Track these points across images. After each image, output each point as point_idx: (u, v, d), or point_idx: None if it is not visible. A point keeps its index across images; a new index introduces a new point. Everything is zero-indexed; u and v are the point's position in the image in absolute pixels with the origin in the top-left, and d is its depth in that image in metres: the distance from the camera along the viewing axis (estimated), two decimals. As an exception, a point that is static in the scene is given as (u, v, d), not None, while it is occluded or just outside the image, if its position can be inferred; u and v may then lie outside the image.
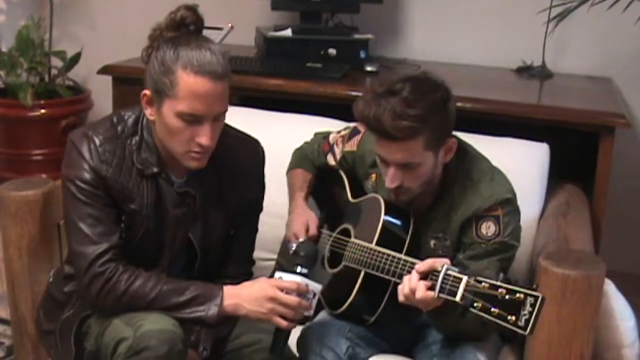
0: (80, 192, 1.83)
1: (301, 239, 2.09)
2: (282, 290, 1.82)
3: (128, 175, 1.85)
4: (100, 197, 1.83)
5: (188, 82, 1.74)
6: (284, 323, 1.81)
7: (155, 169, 1.87)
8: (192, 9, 1.85)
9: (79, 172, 1.83)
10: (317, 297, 1.86)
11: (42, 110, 3.82)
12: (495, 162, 2.07)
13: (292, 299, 1.81)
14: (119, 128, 1.88)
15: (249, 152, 2.02)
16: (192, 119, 1.77)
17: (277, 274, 1.87)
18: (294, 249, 2.08)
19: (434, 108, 1.85)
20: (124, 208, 1.86)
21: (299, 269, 1.86)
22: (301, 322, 1.92)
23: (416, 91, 1.85)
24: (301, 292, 1.83)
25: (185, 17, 1.83)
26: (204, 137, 1.78)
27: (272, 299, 1.80)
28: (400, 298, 1.78)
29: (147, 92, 1.82)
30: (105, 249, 1.82)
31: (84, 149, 1.84)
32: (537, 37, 3.23)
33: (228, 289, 1.84)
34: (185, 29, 1.84)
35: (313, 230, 2.13)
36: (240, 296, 1.83)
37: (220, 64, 1.76)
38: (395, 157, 1.88)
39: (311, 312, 1.87)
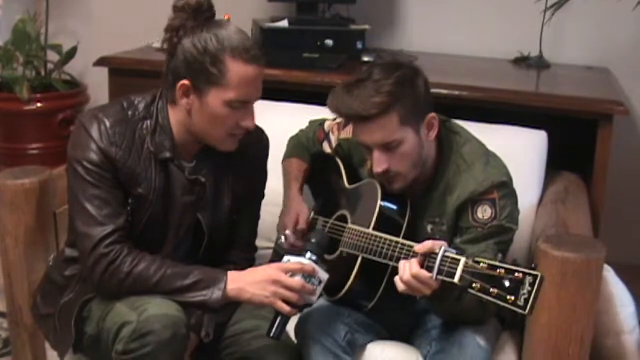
0: (87, 174, 1.81)
1: (287, 232, 2.11)
2: (286, 273, 1.81)
3: (137, 159, 1.84)
4: (107, 179, 1.82)
5: (239, 70, 1.77)
6: (286, 308, 1.79)
7: (168, 154, 1.87)
8: None
9: (87, 153, 1.82)
10: (322, 285, 1.85)
11: (38, 104, 3.80)
12: (493, 150, 2.07)
13: (296, 281, 1.80)
14: (130, 112, 1.87)
15: (254, 139, 2.01)
16: (240, 105, 1.80)
17: (286, 257, 1.86)
18: (282, 241, 2.10)
19: (402, 83, 1.89)
20: (131, 191, 1.85)
21: (308, 255, 1.85)
22: (301, 310, 1.91)
23: (383, 72, 1.91)
24: (306, 274, 1.81)
25: (201, 3, 1.82)
26: (250, 119, 1.84)
27: (276, 282, 1.79)
28: (400, 287, 1.78)
29: (185, 82, 1.81)
30: (111, 230, 1.81)
31: (93, 130, 1.83)
32: (534, 28, 3.22)
33: (232, 274, 1.84)
34: (201, 15, 1.82)
35: (302, 224, 2.13)
36: (244, 280, 1.82)
37: (255, 46, 1.81)
38: (375, 138, 1.90)
39: (314, 298, 1.86)
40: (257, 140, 2.05)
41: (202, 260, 1.94)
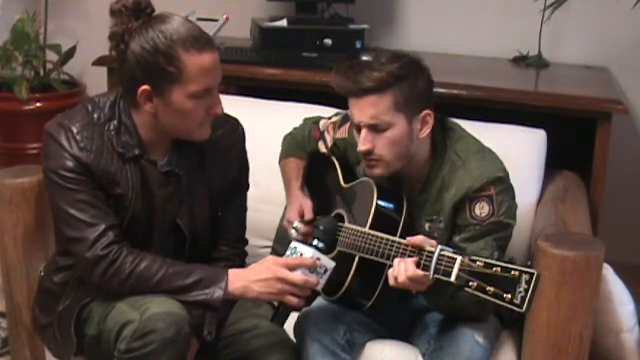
0: (65, 181, 1.80)
1: (296, 224, 2.09)
2: (289, 267, 1.81)
3: (110, 160, 1.83)
4: (85, 182, 1.81)
5: (196, 61, 1.75)
6: (294, 301, 1.81)
7: (136, 151, 1.85)
8: None
9: (60, 161, 1.81)
10: (328, 273, 1.85)
11: (37, 104, 3.78)
12: (492, 148, 2.06)
13: (299, 277, 1.80)
14: (95, 115, 1.85)
15: (228, 131, 2.00)
16: (204, 94, 1.78)
17: (293, 244, 1.87)
18: (293, 234, 2.08)
19: (405, 69, 1.92)
20: (111, 193, 1.84)
21: (315, 242, 1.87)
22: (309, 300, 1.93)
23: (389, 56, 1.94)
24: (308, 267, 1.82)
25: (139, 2, 1.80)
26: (217, 105, 1.83)
27: (280, 279, 1.79)
28: (391, 282, 1.79)
29: (145, 87, 1.78)
30: (103, 229, 1.80)
31: (62, 138, 1.81)
32: (533, 27, 3.22)
33: (234, 272, 1.83)
34: (142, 14, 1.80)
35: (308, 215, 2.12)
36: (247, 278, 1.82)
37: (203, 32, 1.79)
38: (364, 115, 1.91)
39: (319, 288, 1.87)
40: (231, 132, 2.02)
41: (189, 260, 1.92)
